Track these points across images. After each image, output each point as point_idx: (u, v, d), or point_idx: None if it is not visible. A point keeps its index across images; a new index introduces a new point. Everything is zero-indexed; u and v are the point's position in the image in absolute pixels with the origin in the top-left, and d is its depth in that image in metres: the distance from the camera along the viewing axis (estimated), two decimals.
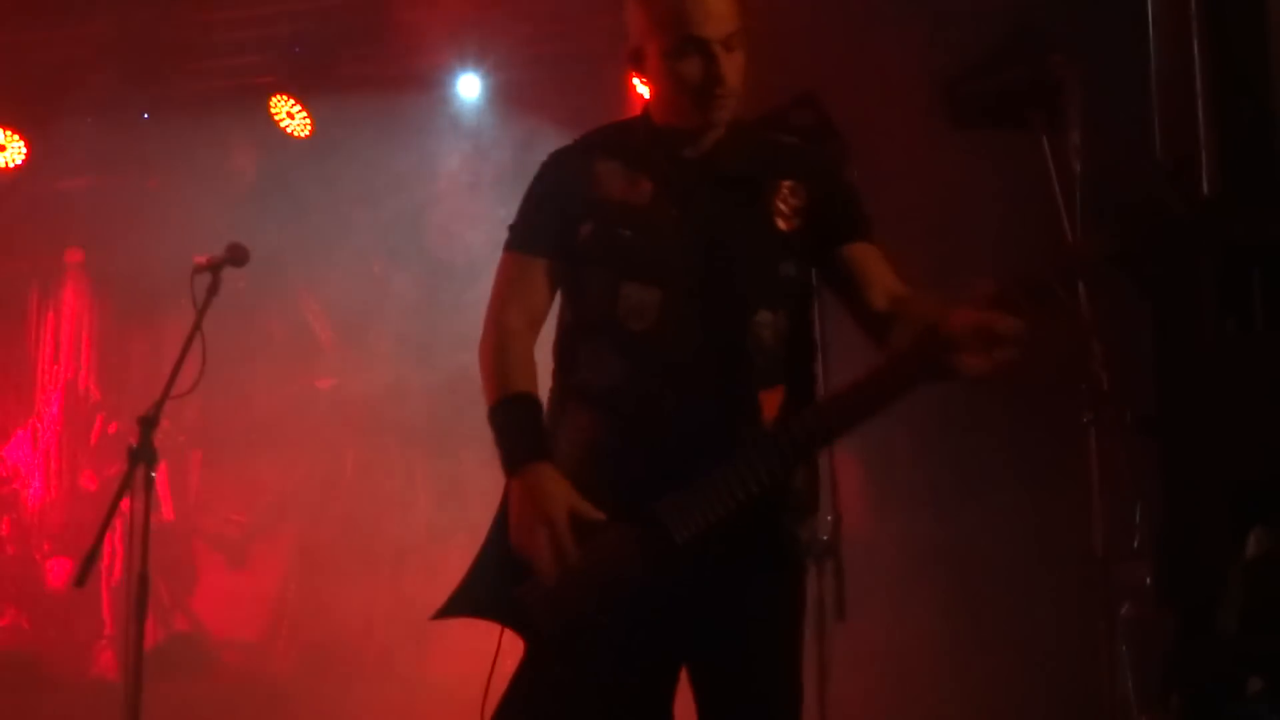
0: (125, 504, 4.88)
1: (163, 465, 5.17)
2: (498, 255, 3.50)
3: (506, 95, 7.90)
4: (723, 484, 3.27)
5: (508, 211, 3.63)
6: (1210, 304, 3.57)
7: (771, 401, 3.38)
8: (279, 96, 8.13)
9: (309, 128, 8.19)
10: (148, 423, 4.94)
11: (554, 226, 3.55)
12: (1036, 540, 6.29)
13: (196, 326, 5.05)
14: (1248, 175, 4.04)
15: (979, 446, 6.55)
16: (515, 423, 3.46)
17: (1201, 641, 3.36)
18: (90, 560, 4.79)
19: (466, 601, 3.53)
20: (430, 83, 7.95)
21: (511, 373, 3.49)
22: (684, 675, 3.46)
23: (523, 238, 3.59)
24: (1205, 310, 3.58)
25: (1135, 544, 4.87)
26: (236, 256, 5.20)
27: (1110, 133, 5.14)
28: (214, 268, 5.15)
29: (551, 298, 3.58)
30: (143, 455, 4.86)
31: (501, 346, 3.53)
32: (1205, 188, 4.05)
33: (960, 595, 6.61)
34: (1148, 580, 4.80)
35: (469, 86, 7.92)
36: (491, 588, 3.49)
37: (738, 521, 3.28)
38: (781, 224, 3.46)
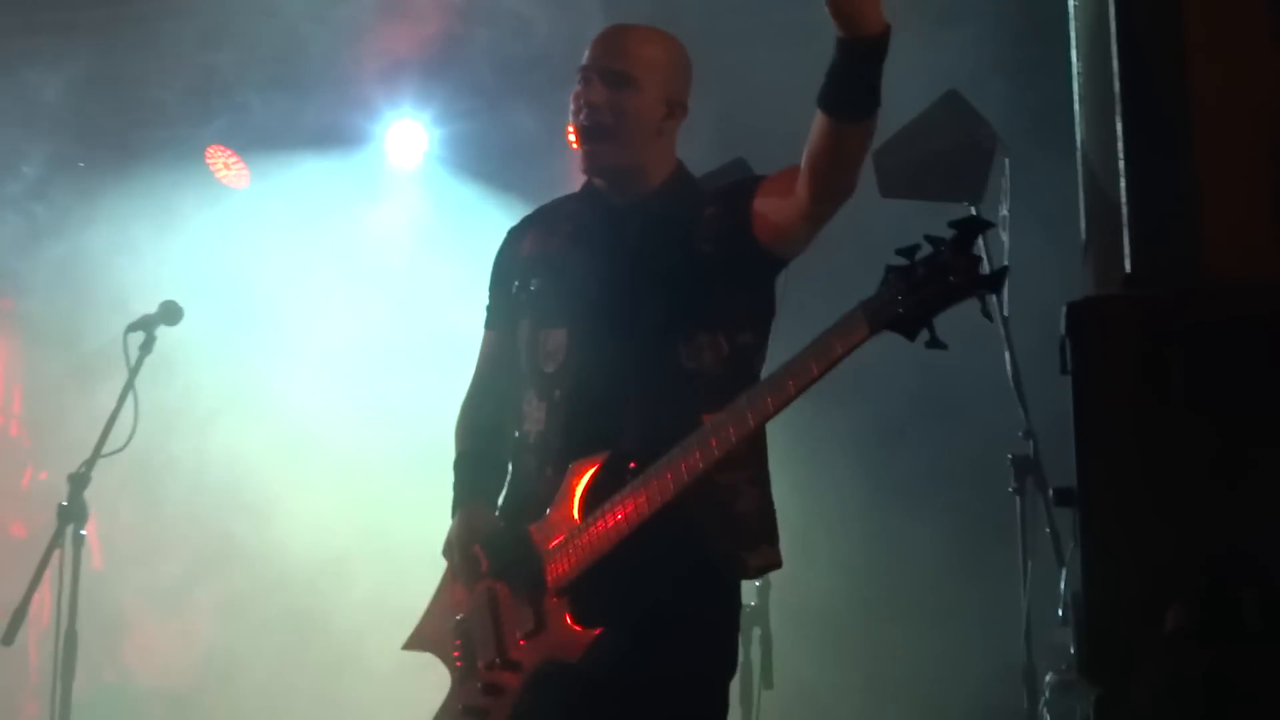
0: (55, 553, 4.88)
1: (93, 515, 5.16)
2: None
3: (444, 151, 7.92)
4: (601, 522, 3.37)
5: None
6: (1129, 379, 3.61)
7: None
8: (215, 147, 8.12)
9: (246, 178, 8.18)
10: (78, 480, 4.94)
11: (498, 299, 3.83)
12: (963, 607, 6.33)
13: (129, 385, 5.05)
14: (1166, 253, 4.09)
15: (907, 513, 6.60)
16: (455, 480, 3.75)
17: (1117, 716, 3.40)
18: (18, 619, 4.81)
19: (415, 637, 3.87)
20: (368, 135, 7.97)
21: (460, 436, 3.82)
22: None
23: (486, 314, 3.88)
24: (1124, 385, 3.62)
25: (1059, 611, 4.91)
26: (170, 315, 5.21)
27: (1037, 206, 5.20)
28: (147, 326, 5.15)
29: (507, 363, 3.74)
30: (72, 514, 4.86)
31: (460, 412, 3.86)
32: (1127, 265, 4.10)
33: (886, 660, 6.66)
34: (1072, 648, 4.85)
35: (407, 140, 7.92)
36: (435, 624, 3.79)
37: (675, 549, 3.34)
38: (707, 248, 3.50)
